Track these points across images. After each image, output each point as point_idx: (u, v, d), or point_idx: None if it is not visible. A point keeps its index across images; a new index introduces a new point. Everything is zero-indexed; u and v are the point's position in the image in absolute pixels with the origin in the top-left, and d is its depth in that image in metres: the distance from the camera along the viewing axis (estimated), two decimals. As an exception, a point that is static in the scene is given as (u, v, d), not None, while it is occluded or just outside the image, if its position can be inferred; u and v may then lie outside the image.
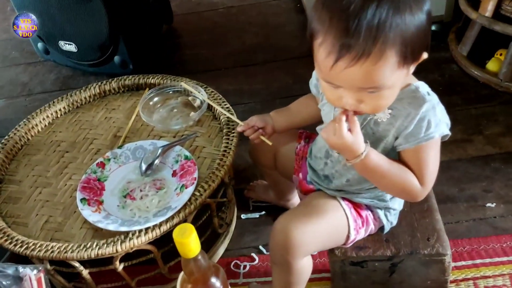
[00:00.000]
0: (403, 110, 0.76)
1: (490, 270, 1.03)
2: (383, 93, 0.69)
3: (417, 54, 0.69)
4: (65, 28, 1.61)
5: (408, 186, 0.79)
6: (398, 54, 0.65)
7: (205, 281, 0.78)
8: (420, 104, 0.74)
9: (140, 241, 0.85)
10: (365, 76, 0.66)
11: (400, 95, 0.74)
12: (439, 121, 0.75)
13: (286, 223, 0.84)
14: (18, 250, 0.87)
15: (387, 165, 0.78)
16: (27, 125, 1.15)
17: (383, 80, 0.67)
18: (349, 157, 0.76)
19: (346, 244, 0.92)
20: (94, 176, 0.98)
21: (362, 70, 0.65)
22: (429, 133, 0.75)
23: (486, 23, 1.42)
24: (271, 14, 2.06)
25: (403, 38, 0.65)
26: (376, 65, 0.65)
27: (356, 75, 0.66)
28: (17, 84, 1.84)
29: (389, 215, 0.92)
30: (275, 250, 0.86)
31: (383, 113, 0.77)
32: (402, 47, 0.65)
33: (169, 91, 1.18)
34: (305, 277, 0.91)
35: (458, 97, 1.47)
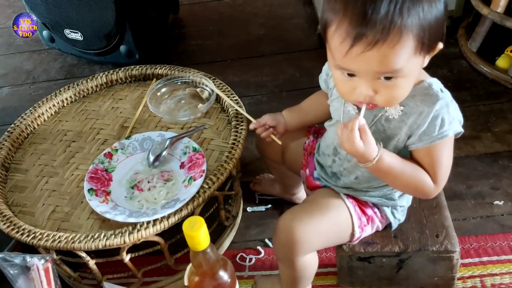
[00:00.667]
0: (415, 108, 0.75)
1: (497, 268, 1.02)
2: (398, 82, 0.68)
3: (434, 42, 0.68)
4: (71, 17, 1.60)
5: (421, 185, 0.78)
6: (416, 39, 0.65)
7: (213, 274, 0.78)
8: (434, 102, 0.73)
9: (148, 233, 0.85)
10: (382, 59, 0.65)
11: (412, 91, 0.73)
12: (453, 119, 0.75)
13: (289, 222, 0.84)
14: (25, 239, 0.86)
15: (400, 165, 0.77)
16: (33, 113, 1.14)
17: (399, 64, 0.66)
18: (362, 161, 0.75)
19: (352, 241, 0.91)
20: (101, 167, 0.97)
21: (379, 53, 0.64)
22: (443, 131, 0.74)
23: (498, 19, 1.41)
24: (278, 6, 2.04)
25: (421, 23, 0.64)
26: (393, 48, 0.64)
27: (373, 58, 0.65)
28: (21, 71, 1.83)
29: (396, 212, 0.91)
30: (279, 248, 0.87)
31: (394, 109, 0.76)
32: (420, 32, 0.64)
33: (177, 82, 1.17)
34: (310, 272, 0.91)
35: (467, 93, 1.46)
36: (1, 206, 0.94)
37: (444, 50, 1.70)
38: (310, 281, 0.94)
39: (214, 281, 0.78)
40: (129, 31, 1.58)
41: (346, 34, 0.64)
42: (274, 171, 1.14)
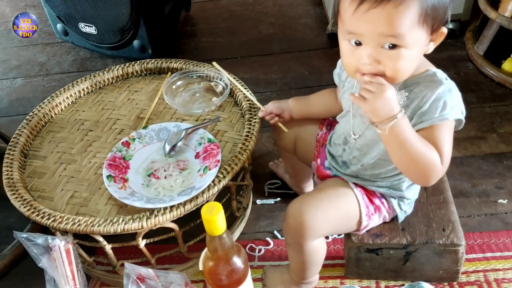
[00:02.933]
0: (419, 93, 0.77)
1: (500, 264, 1.05)
2: (402, 52, 0.71)
3: (437, 20, 0.71)
4: (86, 10, 1.63)
5: (432, 162, 0.76)
6: (420, 5, 0.68)
7: (227, 259, 0.81)
8: (437, 86, 0.76)
9: (165, 218, 0.88)
10: (386, 19, 0.68)
11: (417, 79, 0.77)
12: (455, 105, 0.77)
13: (298, 207, 0.88)
14: (46, 222, 0.89)
15: (415, 136, 0.75)
16: (51, 103, 1.17)
17: (403, 27, 0.68)
18: (385, 116, 0.72)
19: (360, 230, 0.94)
20: (119, 155, 1.00)
21: (384, 12, 0.67)
22: (444, 114, 0.75)
23: (506, 23, 1.44)
24: (288, 6, 2.07)
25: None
26: (397, 8, 0.67)
27: (378, 16, 0.68)
28: (34, 63, 1.86)
29: (402, 204, 0.94)
30: (288, 232, 0.90)
31: (400, 95, 0.78)
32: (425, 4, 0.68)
33: (193, 76, 1.20)
34: (318, 258, 0.94)
35: (473, 95, 1.49)
36: (21, 190, 0.97)
37: (451, 52, 1.75)
38: (318, 268, 0.97)
39: (228, 267, 0.81)
40: (143, 26, 1.61)
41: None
42: (285, 160, 1.18)
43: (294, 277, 0.99)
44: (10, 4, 2.26)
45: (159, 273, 0.84)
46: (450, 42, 1.70)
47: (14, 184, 0.98)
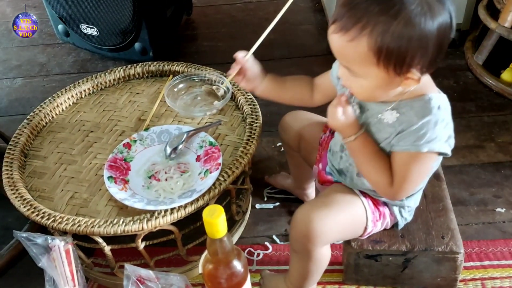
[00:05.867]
0: (409, 118, 0.78)
1: (497, 272, 1.06)
2: (358, 81, 0.74)
3: (399, 64, 0.69)
4: (89, 12, 1.63)
5: (378, 182, 0.83)
6: (371, 46, 0.68)
7: (227, 262, 0.80)
8: (424, 115, 0.76)
9: (165, 221, 0.88)
10: (340, 48, 0.71)
11: (411, 102, 0.77)
12: (435, 138, 0.76)
13: (308, 213, 0.87)
14: (45, 222, 0.89)
15: (371, 155, 0.82)
16: (52, 103, 1.17)
17: (353, 62, 0.71)
18: (344, 136, 0.83)
19: (363, 236, 0.95)
20: (120, 156, 1.00)
21: (340, 41, 0.70)
22: (419, 144, 0.76)
23: (505, 34, 1.45)
24: (289, 12, 2.03)
25: (384, 35, 0.66)
26: (349, 42, 0.69)
27: (336, 43, 0.71)
28: (35, 64, 1.86)
29: (403, 211, 0.95)
30: (296, 239, 0.89)
31: (390, 115, 0.79)
32: (380, 43, 0.67)
33: (194, 79, 1.20)
34: (323, 266, 0.94)
35: (472, 104, 1.50)
36: (21, 190, 0.96)
37: (451, 61, 1.76)
38: (319, 277, 0.97)
39: (228, 270, 0.80)
40: (145, 29, 1.61)
41: (334, 13, 0.71)
42: (289, 158, 1.18)
43: (292, 286, 0.98)
44: (11, 4, 2.26)
45: (159, 275, 0.84)
46: (450, 51, 1.72)
47: (14, 184, 0.97)
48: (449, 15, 0.69)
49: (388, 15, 0.66)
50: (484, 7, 1.57)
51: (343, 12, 0.69)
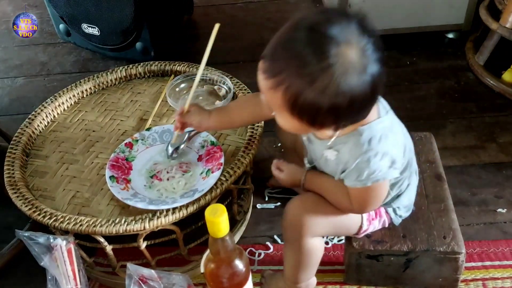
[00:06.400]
0: (345, 155, 0.79)
1: (499, 272, 1.06)
2: (278, 117, 0.73)
3: (310, 121, 0.68)
4: (90, 11, 1.63)
5: (340, 207, 0.88)
6: (286, 105, 0.67)
7: (229, 261, 0.81)
8: (356, 156, 0.77)
9: (167, 220, 0.88)
10: (261, 87, 0.69)
11: (345, 139, 0.78)
12: (375, 171, 0.77)
13: (298, 203, 0.90)
14: (47, 221, 0.89)
15: (326, 186, 0.88)
16: (53, 102, 1.17)
17: (271, 103, 0.70)
18: (297, 182, 0.92)
19: (359, 234, 0.95)
20: (122, 156, 1.00)
21: (262, 82, 0.68)
22: (362, 180, 0.79)
23: (507, 34, 1.45)
24: (290, 12, 2.08)
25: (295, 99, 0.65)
26: (269, 89, 0.67)
27: (259, 80, 0.69)
28: (36, 63, 1.86)
29: (397, 210, 0.95)
30: (286, 227, 0.91)
31: (330, 153, 0.82)
32: (290, 103, 0.66)
33: (196, 79, 1.20)
34: (315, 259, 0.94)
35: (473, 105, 1.50)
36: (23, 189, 0.96)
37: (452, 62, 1.76)
38: (313, 271, 0.97)
39: (230, 269, 0.81)
40: (146, 29, 1.61)
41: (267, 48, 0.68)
42: (287, 156, 1.17)
43: (288, 281, 0.99)
44: (12, 3, 2.26)
45: (162, 274, 0.84)
46: (451, 51, 1.72)
47: (15, 183, 0.97)
48: (371, 78, 0.65)
49: (304, 79, 0.63)
50: (485, 7, 1.57)
51: (269, 57, 0.67)
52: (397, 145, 0.80)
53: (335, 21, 0.63)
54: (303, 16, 0.66)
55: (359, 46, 0.63)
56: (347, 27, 0.63)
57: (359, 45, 0.63)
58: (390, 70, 1.67)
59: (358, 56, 0.63)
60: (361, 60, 0.63)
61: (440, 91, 1.56)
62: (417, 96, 1.55)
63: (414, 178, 0.95)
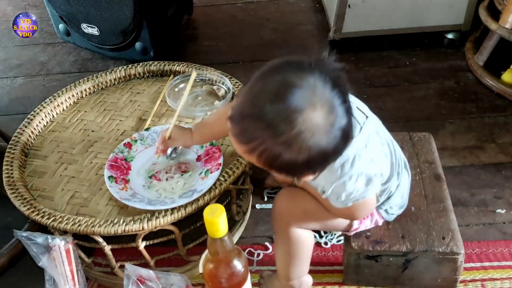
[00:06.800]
0: (321, 179, 0.78)
1: (498, 273, 1.05)
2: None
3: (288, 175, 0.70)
4: (89, 11, 1.63)
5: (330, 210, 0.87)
6: (262, 166, 0.67)
7: (228, 262, 0.80)
8: (331, 181, 0.78)
9: (166, 221, 0.88)
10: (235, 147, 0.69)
11: None
12: (352, 192, 0.78)
13: (288, 193, 0.92)
14: (46, 222, 0.89)
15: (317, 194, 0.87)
16: (52, 102, 1.17)
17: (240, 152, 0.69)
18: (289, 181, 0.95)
19: (350, 232, 0.96)
20: (121, 156, 1.00)
21: (235, 145, 0.68)
22: (342, 201, 0.80)
23: (506, 35, 1.45)
24: (289, 12, 2.08)
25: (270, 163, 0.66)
26: (243, 153, 0.68)
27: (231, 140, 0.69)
28: (35, 63, 1.86)
29: (390, 209, 0.95)
30: (275, 218, 0.93)
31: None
32: (266, 165, 0.67)
33: (195, 79, 1.20)
34: (304, 251, 0.94)
35: (473, 105, 1.50)
36: (21, 189, 0.96)
37: (451, 62, 1.76)
38: (305, 267, 0.97)
39: (228, 269, 0.80)
40: (146, 29, 1.61)
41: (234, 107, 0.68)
42: None
43: (281, 279, 0.99)
44: (11, 3, 2.26)
45: (160, 274, 0.84)
46: (451, 52, 1.72)
47: (14, 183, 0.97)
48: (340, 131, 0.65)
49: (278, 147, 0.64)
50: (485, 8, 1.57)
51: (238, 124, 0.66)
52: (374, 159, 0.80)
53: (295, 86, 0.63)
54: (264, 81, 0.66)
55: (322, 105, 0.63)
56: (308, 88, 0.63)
57: (322, 104, 0.63)
58: (390, 71, 1.67)
59: (324, 116, 0.63)
60: (327, 119, 0.64)
61: (439, 92, 1.56)
62: (417, 97, 1.55)
63: (405, 175, 0.94)
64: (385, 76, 1.65)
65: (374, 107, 0.87)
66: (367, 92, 1.58)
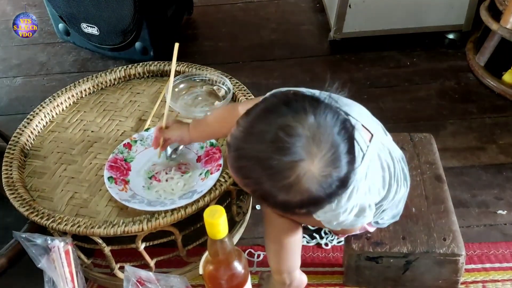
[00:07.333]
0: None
1: (499, 275, 1.05)
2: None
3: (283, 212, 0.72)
4: (89, 11, 1.63)
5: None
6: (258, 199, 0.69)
7: (228, 263, 0.80)
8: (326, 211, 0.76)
9: (165, 222, 0.87)
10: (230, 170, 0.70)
11: None
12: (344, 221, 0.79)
13: None
14: (45, 223, 0.88)
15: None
16: (52, 102, 1.17)
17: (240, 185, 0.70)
18: None
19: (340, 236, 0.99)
20: (121, 156, 1.00)
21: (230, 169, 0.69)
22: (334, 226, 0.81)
23: (507, 35, 1.45)
24: (290, 12, 2.08)
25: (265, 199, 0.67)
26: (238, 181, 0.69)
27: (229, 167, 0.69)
28: (35, 63, 1.86)
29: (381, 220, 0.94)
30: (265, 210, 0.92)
31: None
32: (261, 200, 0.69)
33: (195, 79, 1.20)
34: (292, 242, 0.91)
35: (474, 106, 1.50)
36: (20, 190, 0.96)
37: (452, 62, 1.76)
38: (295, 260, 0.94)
39: (228, 271, 0.80)
40: (146, 29, 1.61)
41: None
42: None
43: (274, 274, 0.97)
44: (11, 2, 2.25)
45: (160, 276, 0.84)
46: (451, 52, 1.71)
47: (13, 184, 0.97)
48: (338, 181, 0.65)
49: (273, 189, 0.64)
50: (486, 8, 1.56)
51: (234, 158, 0.67)
52: (371, 189, 0.80)
53: (296, 134, 0.62)
54: (265, 124, 0.65)
55: (322, 157, 0.63)
56: (308, 139, 0.62)
57: (323, 155, 0.63)
58: (390, 71, 1.67)
59: (322, 168, 0.63)
60: (326, 170, 0.63)
61: (440, 92, 1.56)
62: (417, 97, 1.55)
63: (402, 190, 0.92)
64: (386, 77, 1.65)
65: (375, 108, 0.87)
66: (368, 93, 1.58)
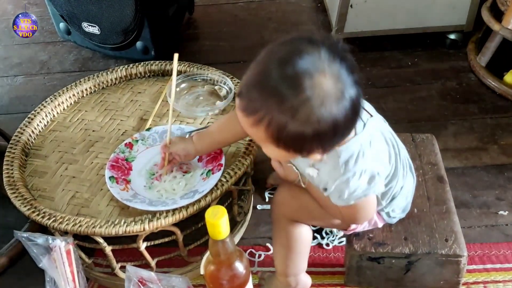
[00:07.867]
0: (324, 177, 0.79)
1: (500, 275, 1.05)
2: (265, 149, 0.72)
3: (296, 151, 0.68)
4: (90, 10, 1.62)
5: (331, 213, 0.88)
6: (270, 139, 0.66)
7: (229, 264, 0.80)
8: (334, 178, 0.77)
9: (167, 222, 0.87)
10: (243, 123, 0.68)
11: (325, 158, 0.75)
12: (355, 190, 0.77)
13: (288, 187, 0.93)
14: (46, 222, 0.88)
15: (319, 195, 0.85)
16: (53, 101, 1.16)
17: (256, 140, 0.70)
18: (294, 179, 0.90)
19: (347, 231, 0.96)
20: (122, 156, 1.00)
21: (242, 119, 0.67)
22: (344, 199, 0.79)
23: (509, 36, 1.45)
24: (291, 12, 2.08)
25: (278, 134, 0.64)
26: (250, 126, 0.66)
27: (239, 118, 0.68)
28: (36, 62, 1.85)
29: (392, 212, 0.95)
30: (274, 209, 0.95)
31: (312, 171, 0.81)
32: (274, 138, 0.65)
33: (196, 79, 1.20)
34: (302, 246, 0.94)
35: (475, 106, 1.49)
36: (21, 189, 0.96)
37: (454, 63, 1.75)
38: (302, 262, 0.96)
39: (230, 271, 0.80)
40: (147, 28, 1.60)
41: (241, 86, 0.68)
42: None
43: (279, 275, 0.98)
44: (12, 1, 2.25)
45: (161, 276, 0.84)
46: (453, 52, 1.71)
47: (14, 183, 0.97)
48: (350, 102, 0.64)
49: (285, 114, 0.62)
50: (487, 8, 1.56)
51: (245, 96, 0.65)
52: (377, 156, 0.79)
53: (305, 52, 0.62)
54: (272, 50, 0.65)
55: (332, 73, 0.62)
56: (317, 56, 0.62)
57: (332, 72, 0.62)
58: (392, 71, 1.67)
59: (333, 83, 0.62)
60: (337, 86, 0.63)
61: (441, 92, 1.55)
62: (419, 97, 1.54)
63: (409, 178, 0.94)
64: (387, 77, 1.64)
65: (376, 108, 0.86)
66: (369, 93, 1.57)
